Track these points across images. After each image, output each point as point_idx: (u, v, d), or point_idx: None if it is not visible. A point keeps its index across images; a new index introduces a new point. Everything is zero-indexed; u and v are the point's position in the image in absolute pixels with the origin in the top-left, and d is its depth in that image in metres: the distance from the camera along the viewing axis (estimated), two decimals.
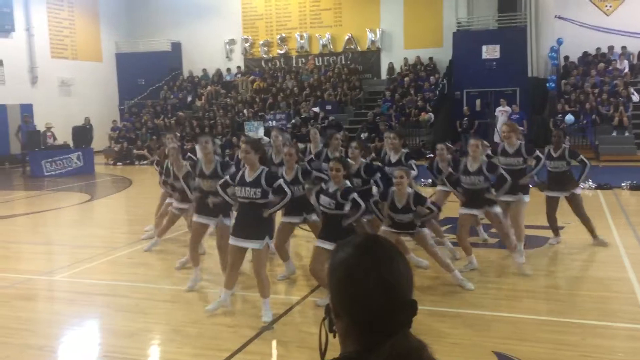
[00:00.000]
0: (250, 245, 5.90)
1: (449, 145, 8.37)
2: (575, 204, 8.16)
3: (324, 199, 6.10)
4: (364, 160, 7.41)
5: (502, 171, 7.23)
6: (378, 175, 7.28)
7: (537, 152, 7.72)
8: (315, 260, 6.18)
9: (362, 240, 1.44)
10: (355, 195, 6.06)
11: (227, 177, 6.22)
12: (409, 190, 6.57)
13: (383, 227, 6.79)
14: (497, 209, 7.25)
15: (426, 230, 6.87)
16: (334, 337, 1.43)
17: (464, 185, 7.26)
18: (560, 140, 8.04)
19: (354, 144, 7.56)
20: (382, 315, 1.32)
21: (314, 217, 6.86)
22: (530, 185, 7.94)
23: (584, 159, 8.05)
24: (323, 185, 6.29)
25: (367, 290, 1.33)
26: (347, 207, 6.00)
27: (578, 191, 8.18)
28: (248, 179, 5.86)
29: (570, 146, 9.12)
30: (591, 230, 8.22)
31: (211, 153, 6.86)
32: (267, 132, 10.39)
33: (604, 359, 4.90)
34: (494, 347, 5.08)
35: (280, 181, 5.93)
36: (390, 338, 1.31)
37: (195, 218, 7.00)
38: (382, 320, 1.32)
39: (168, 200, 8.90)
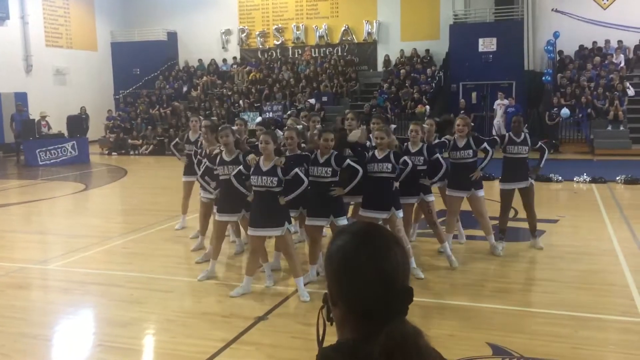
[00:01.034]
0: (271, 233, 6.23)
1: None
2: (530, 195, 7.87)
3: (315, 170, 6.34)
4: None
5: (439, 156, 7.28)
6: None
7: (485, 144, 7.60)
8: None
9: (360, 228, 1.44)
10: (349, 160, 6.40)
11: (241, 167, 6.40)
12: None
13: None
14: (431, 198, 7.33)
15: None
16: (331, 325, 1.43)
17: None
18: (520, 126, 7.87)
19: (349, 115, 7.73)
20: (378, 303, 1.33)
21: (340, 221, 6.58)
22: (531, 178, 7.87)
23: (543, 145, 8.02)
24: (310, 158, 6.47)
25: (364, 279, 1.34)
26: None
27: (533, 182, 7.96)
28: (264, 168, 6.06)
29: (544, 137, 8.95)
30: (533, 228, 7.96)
31: (231, 144, 6.77)
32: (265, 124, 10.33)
33: (596, 351, 4.93)
34: (488, 338, 5.10)
35: (297, 170, 6.10)
36: (387, 325, 1.31)
37: (218, 217, 6.96)
38: (379, 308, 1.33)
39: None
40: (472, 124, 8.39)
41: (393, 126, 7.78)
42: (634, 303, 5.93)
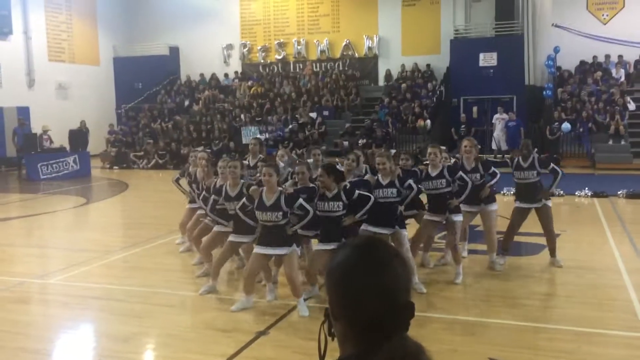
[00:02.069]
0: (277, 252, 6.17)
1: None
2: (545, 216, 7.74)
3: (324, 205, 6.25)
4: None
5: (464, 174, 7.26)
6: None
7: (493, 168, 7.67)
8: (314, 263, 6.45)
9: (361, 242, 1.44)
10: (358, 191, 6.38)
11: (245, 200, 6.33)
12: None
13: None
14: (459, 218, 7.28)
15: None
16: (333, 340, 1.42)
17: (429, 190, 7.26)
18: (528, 150, 7.71)
19: (351, 156, 7.60)
20: (379, 319, 1.32)
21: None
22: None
23: (555, 167, 7.79)
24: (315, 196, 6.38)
25: (364, 294, 1.33)
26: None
27: (549, 203, 7.79)
28: (267, 202, 6.03)
29: (541, 155, 8.73)
30: (552, 248, 7.85)
31: (238, 177, 6.78)
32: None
33: None
34: (491, 353, 5.07)
35: (301, 200, 6.09)
36: (388, 341, 1.30)
37: (233, 237, 6.79)
38: (380, 323, 1.32)
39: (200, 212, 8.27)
40: (479, 146, 8.39)
41: (393, 151, 7.78)
42: (637, 318, 5.89)
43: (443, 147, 7.90)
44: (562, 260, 7.79)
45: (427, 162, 7.32)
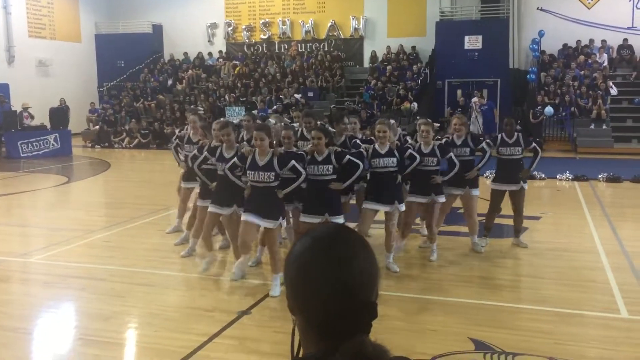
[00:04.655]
0: (264, 224, 6.09)
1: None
2: (519, 198, 7.81)
3: (314, 168, 6.24)
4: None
5: (452, 155, 7.27)
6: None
7: (484, 145, 7.60)
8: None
9: (323, 232, 1.30)
10: (349, 156, 6.35)
11: (235, 160, 6.27)
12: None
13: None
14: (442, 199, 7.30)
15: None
16: None
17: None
18: (512, 127, 7.79)
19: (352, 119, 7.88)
20: (335, 318, 1.20)
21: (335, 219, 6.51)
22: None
23: (537, 147, 7.96)
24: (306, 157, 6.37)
25: (320, 290, 1.21)
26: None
27: (526, 186, 7.83)
28: (260, 162, 6.00)
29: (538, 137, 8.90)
30: (518, 230, 7.95)
31: (233, 142, 6.69)
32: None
33: (577, 346, 4.98)
34: (471, 334, 5.13)
35: (293, 162, 6.04)
36: (344, 343, 1.18)
37: (211, 208, 6.73)
38: (336, 323, 1.20)
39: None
40: (469, 123, 8.43)
41: (392, 121, 7.78)
42: (614, 300, 6.00)
43: (437, 124, 7.97)
44: (526, 242, 7.96)
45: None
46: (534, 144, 7.96)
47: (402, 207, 6.83)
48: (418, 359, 4.56)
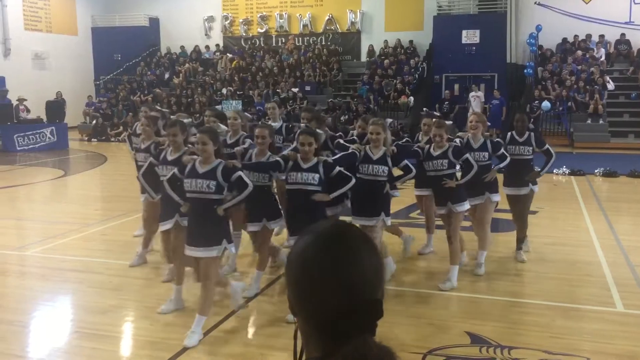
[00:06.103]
0: (203, 254, 5.01)
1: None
2: (525, 203, 7.17)
3: (296, 176, 5.39)
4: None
5: (469, 156, 6.30)
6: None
7: (503, 151, 6.77)
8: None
9: (326, 229, 1.25)
10: (339, 168, 5.47)
11: (175, 170, 5.29)
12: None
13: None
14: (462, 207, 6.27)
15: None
16: None
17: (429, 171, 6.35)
18: (524, 124, 7.03)
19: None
20: (339, 318, 1.15)
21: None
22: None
23: (550, 149, 7.13)
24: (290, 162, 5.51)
25: (323, 289, 1.17)
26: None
27: (536, 188, 7.16)
28: (200, 170, 5.02)
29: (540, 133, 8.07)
30: (521, 238, 7.22)
31: (180, 143, 5.75)
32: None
33: (573, 340, 4.99)
34: (467, 327, 5.14)
35: (240, 173, 5.06)
36: (347, 344, 1.13)
37: (161, 227, 5.95)
38: (340, 323, 1.15)
39: None
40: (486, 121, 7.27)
41: (389, 120, 7.19)
42: (609, 293, 6.02)
43: (449, 122, 7.16)
44: (526, 256, 7.20)
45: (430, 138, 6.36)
46: (547, 146, 7.14)
47: (389, 221, 5.96)
48: (414, 353, 4.58)
